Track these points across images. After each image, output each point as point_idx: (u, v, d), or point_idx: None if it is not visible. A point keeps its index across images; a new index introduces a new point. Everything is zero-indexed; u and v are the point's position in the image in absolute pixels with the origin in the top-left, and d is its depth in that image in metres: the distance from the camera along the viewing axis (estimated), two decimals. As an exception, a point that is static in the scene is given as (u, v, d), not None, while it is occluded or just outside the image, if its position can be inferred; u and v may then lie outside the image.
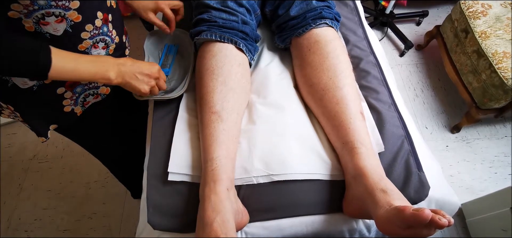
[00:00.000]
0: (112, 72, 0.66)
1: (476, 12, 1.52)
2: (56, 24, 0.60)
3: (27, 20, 0.57)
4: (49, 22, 0.59)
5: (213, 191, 0.63)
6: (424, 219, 0.48)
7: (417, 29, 2.11)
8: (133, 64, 0.71)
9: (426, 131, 1.69)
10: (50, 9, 0.58)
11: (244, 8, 0.89)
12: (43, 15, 0.58)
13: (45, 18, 0.59)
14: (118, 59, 0.68)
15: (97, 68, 0.64)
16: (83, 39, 0.67)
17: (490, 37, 1.44)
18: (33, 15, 0.57)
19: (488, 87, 1.41)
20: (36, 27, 0.59)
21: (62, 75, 0.60)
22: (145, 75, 0.72)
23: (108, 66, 0.66)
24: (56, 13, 0.59)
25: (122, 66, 0.69)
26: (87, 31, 0.67)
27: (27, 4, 0.55)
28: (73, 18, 0.62)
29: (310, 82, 0.81)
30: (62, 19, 0.61)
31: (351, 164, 0.68)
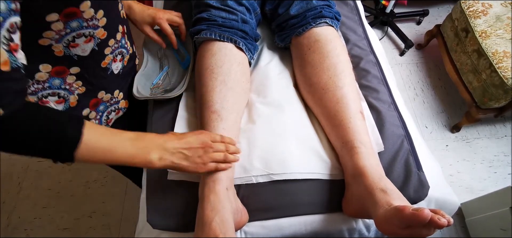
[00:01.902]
0: (155, 154, 0.56)
1: (477, 12, 1.52)
2: (84, 45, 0.58)
3: (58, 45, 0.55)
4: (78, 44, 0.57)
5: (212, 191, 0.63)
6: (423, 218, 0.48)
7: (417, 29, 2.11)
8: (179, 139, 0.60)
9: (426, 130, 1.69)
10: (81, 31, 0.56)
11: (244, 7, 0.89)
12: (74, 37, 0.56)
13: (75, 40, 0.56)
14: (160, 136, 0.59)
15: (137, 148, 0.55)
16: (106, 55, 0.65)
17: (490, 36, 1.44)
18: (64, 39, 0.55)
19: (488, 86, 1.41)
20: (65, 50, 0.57)
21: (94, 155, 0.51)
22: (197, 149, 0.61)
23: (150, 146, 0.57)
24: (86, 34, 0.57)
25: (166, 144, 0.59)
26: (109, 46, 0.65)
27: (59, 30, 0.53)
28: (100, 35, 0.60)
29: (310, 81, 0.81)
30: (90, 39, 0.59)
31: (351, 164, 0.68)
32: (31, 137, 0.46)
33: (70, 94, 0.63)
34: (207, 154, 0.62)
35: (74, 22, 0.54)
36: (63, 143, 0.48)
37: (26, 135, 0.46)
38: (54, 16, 0.51)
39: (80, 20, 0.54)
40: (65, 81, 0.61)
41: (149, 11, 0.82)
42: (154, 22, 0.82)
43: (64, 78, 0.61)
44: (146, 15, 0.81)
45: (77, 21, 0.54)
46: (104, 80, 0.69)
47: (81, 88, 0.65)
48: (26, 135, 0.46)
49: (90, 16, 0.56)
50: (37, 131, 0.46)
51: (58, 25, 0.52)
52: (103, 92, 0.70)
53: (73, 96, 0.64)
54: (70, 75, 0.61)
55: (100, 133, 0.52)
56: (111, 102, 0.74)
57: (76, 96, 0.64)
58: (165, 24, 0.82)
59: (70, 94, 0.63)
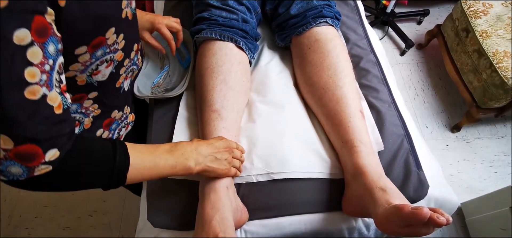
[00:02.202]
0: (192, 160, 0.59)
1: (477, 11, 1.52)
2: (105, 70, 0.57)
3: (82, 75, 0.54)
4: (100, 71, 0.56)
5: (213, 189, 0.63)
6: (422, 217, 0.49)
7: (418, 28, 2.11)
8: (207, 144, 0.63)
9: (427, 130, 1.69)
10: (104, 57, 0.54)
11: (245, 7, 0.89)
12: (97, 65, 0.54)
13: (98, 68, 0.55)
14: (190, 143, 0.61)
15: (176, 158, 0.57)
16: (120, 75, 0.63)
17: (491, 36, 1.44)
18: (88, 69, 0.53)
19: (489, 86, 1.41)
20: (88, 79, 0.55)
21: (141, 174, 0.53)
22: (224, 151, 0.64)
23: (185, 154, 0.58)
24: (107, 59, 0.56)
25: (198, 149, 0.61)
26: (124, 66, 0.63)
27: (86, 61, 0.51)
28: (118, 58, 0.59)
29: (310, 81, 0.82)
30: (111, 63, 0.57)
31: (351, 163, 0.68)
32: (85, 174, 0.48)
33: (85, 117, 0.62)
34: (231, 156, 0.65)
35: (99, 50, 0.52)
36: (115, 172, 0.49)
37: (80, 173, 0.47)
38: (83, 49, 0.49)
39: (104, 48, 0.53)
40: (82, 105, 0.60)
41: (148, 17, 0.79)
42: (153, 28, 0.80)
43: (82, 103, 0.60)
44: (144, 21, 0.78)
45: (102, 49, 0.53)
46: (117, 99, 0.68)
47: (97, 111, 0.64)
48: (80, 172, 0.47)
49: (113, 42, 0.55)
50: (89, 166, 0.47)
51: (85, 56, 0.50)
52: (116, 111, 0.69)
53: (88, 119, 0.63)
54: (88, 99, 0.60)
55: (142, 152, 0.53)
56: (122, 119, 0.73)
57: (91, 118, 0.63)
58: (165, 29, 0.80)
59: (85, 117, 0.62)
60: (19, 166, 0.40)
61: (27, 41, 0.37)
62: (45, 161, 0.41)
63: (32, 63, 0.38)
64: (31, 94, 0.38)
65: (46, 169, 0.42)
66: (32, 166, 0.41)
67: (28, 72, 0.37)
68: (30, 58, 0.38)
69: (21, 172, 0.40)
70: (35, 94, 0.38)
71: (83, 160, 0.47)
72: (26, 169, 0.40)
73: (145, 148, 0.55)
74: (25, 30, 0.36)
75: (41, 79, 0.39)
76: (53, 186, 0.46)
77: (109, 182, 0.49)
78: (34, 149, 0.40)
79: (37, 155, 0.40)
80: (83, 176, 0.48)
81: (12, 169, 0.40)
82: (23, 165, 0.40)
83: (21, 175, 0.41)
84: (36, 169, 0.41)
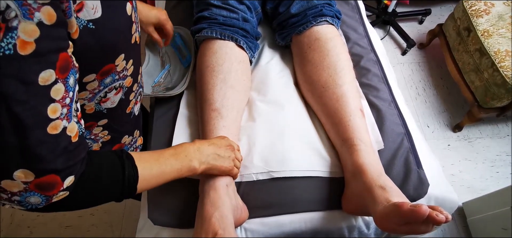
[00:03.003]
0: (196, 161, 0.59)
1: (479, 11, 1.51)
2: (114, 97, 0.56)
3: (90, 103, 0.53)
4: (109, 98, 0.55)
5: (212, 187, 0.63)
6: (421, 214, 0.49)
7: (419, 28, 2.10)
8: (208, 143, 0.63)
9: (428, 129, 1.68)
10: (112, 84, 0.54)
11: (245, 6, 0.89)
12: (106, 92, 0.54)
13: (107, 95, 0.54)
14: (192, 144, 0.61)
15: (181, 161, 0.57)
16: (130, 101, 0.63)
17: (492, 35, 1.43)
18: (97, 96, 0.53)
19: (490, 86, 1.41)
20: (96, 107, 0.55)
21: (149, 183, 0.53)
22: (226, 149, 0.64)
23: (189, 155, 0.59)
24: (116, 86, 0.55)
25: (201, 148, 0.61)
26: (133, 92, 0.63)
27: (94, 88, 0.51)
28: (127, 84, 0.58)
29: (310, 79, 0.82)
30: (120, 90, 0.57)
31: (350, 161, 0.68)
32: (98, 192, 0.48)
33: (94, 142, 0.62)
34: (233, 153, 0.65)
35: (108, 78, 0.52)
36: (125, 186, 0.49)
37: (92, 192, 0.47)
38: (92, 77, 0.49)
39: (113, 75, 0.52)
40: (91, 132, 0.60)
41: (154, 12, 0.81)
42: (158, 24, 0.82)
43: (91, 130, 0.60)
44: (152, 16, 0.80)
45: (111, 77, 0.52)
46: (127, 125, 0.68)
47: (106, 137, 0.63)
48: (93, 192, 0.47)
49: (122, 68, 0.54)
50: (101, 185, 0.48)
51: (93, 84, 0.50)
52: (126, 137, 0.69)
53: (97, 144, 0.63)
54: (97, 127, 0.60)
55: (148, 161, 0.53)
56: (132, 144, 0.73)
57: (100, 144, 0.63)
58: (169, 25, 0.83)
59: (94, 142, 0.62)
60: (39, 196, 0.40)
61: (51, 81, 0.37)
62: (63, 188, 0.41)
63: (55, 100, 0.38)
64: (53, 129, 0.38)
65: (63, 195, 0.42)
66: (51, 194, 0.41)
67: (50, 109, 0.38)
68: (53, 95, 0.38)
69: (40, 201, 0.41)
70: (56, 129, 0.39)
71: (94, 179, 0.47)
72: (45, 197, 0.41)
73: (150, 157, 0.54)
74: (51, 70, 0.36)
75: (62, 114, 0.39)
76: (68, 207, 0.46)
77: (120, 195, 0.50)
78: (54, 179, 0.40)
79: (56, 183, 0.41)
80: (95, 194, 0.48)
81: (31, 199, 0.40)
82: (43, 195, 0.40)
83: (40, 203, 0.41)
84: (55, 197, 0.41)
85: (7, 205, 0.40)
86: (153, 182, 0.54)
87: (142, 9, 0.79)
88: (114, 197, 0.50)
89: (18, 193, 0.38)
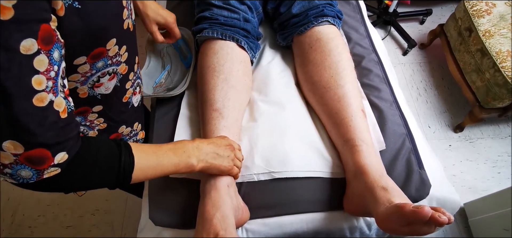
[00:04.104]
0: (194, 158, 0.59)
1: (480, 11, 1.51)
2: (108, 83, 0.57)
3: (83, 87, 0.53)
4: (102, 83, 0.56)
5: (214, 187, 0.63)
6: (423, 216, 0.48)
7: (420, 28, 2.10)
8: (208, 142, 0.63)
9: (429, 130, 1.68)
10: (105, 69, 0.54)
11: (246, 6, 0.89)
12: (99, 77, 0.54)
13: (100, 80, 0.55)
14: (191, 142, 0.61)
15: (179, 156, 0.57)
16: (127, 89, 0.63)
17: (494, 36, 1.43)
18: (90, 80, 0.53)
19: (492, 86, 1.40)
20: (90, 91, 0.55)
21: (146, 173, 0.53)
22: (226, 148, 0.64)
23: (188, 152, 0.59)
24: (109, 71, 0.55)
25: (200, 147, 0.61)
26: (130, 80, 0.63)
27: (86, 72, 0.51)
28: (122, 71, 0.59)
29: (311, 80, 0.81)
30: (114, 76, 0.57)
31: (352, 162, 0.68)
32: (92, 175, 0.48)
33: (90, 130, 0.62)
34: (233, 153, 0.65)
35: (100, 62, 0.52)
36: (120, 173, 0.49)
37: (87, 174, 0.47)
38: (82, 59, 0.49)
39: (105, 59, 0.52)
40: (86, 118, 0.60)
41: (163, 12, 0.81)
42: (165, 26, 0.82)
43: (86, 116, 0.60)
44: (159, 15, 0.80)
45: (102, 61, 0.52)
46: (125, 114, 0.68)
47: (103, 125, 0.64)
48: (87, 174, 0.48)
49: (115, 53, 0.54)
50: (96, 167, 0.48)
51: (84, 67, 0.50)
52: (124, 127, 0.69)
53: (93, 132, 0.63)
54: (92, 113, 0.60)
55: (146, 152, 0.53)
56: (131, 135, 0.73)
57: (96, 132, 0.64)
58: (177, 28, 0.83)
59: (90, 130, 0.62)
60: (29, 169, 0.41)
61: (33, 50, 0.37)
62: (54, 163, 0.42)
63: (39, 71, 0.38)
64: (39, 101, 0.39)
65: (55, 171, 0.43)
66: (42, 169, 0.41)
67: (35, 80, 0.38)
68: (37, 66, 0.38)
69: (31, 175, 0.41)
70: (43, 101, 0.39)
71: (90, 162, 0.47)
72: (36, 172, 0.41)
73: (148, 148, 0.55)
74: (32, 40, 0.37)
75: (47, 86, 0.40)
76: (61, 187, 0.47)
77: (115, 182, 0.50)
78: (44, 153, 0.41)
79: (46, 158, 0.41)
80: (90, 177, 0.48)
81: (22, 172, 0.41)
82: (33, 168, 0.41)
83: (31, 178, 0.41)
84: (45, 172, 0.42)
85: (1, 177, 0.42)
86: (149, 173, 0.54)
87: (151, 4, 0.79)
88: (108, 182, 0.50)
89: (9, 165, 0.39)
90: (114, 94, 0.60)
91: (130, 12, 0.57)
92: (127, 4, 0.54)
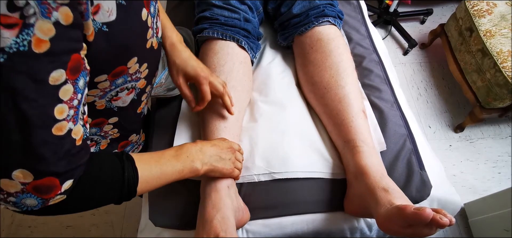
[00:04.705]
0: (198, 162, 0.58)
1: (481, 11, 1.51)
2: (126, 97, 0.56)
3: (101, 100, 0.53)
4: (120, 97, 0.56)
5: (214, 188, 0.63)
6: (425, 218, 0.48)
7: (421, 28, 2.09)
8: (211, 144, 0.62)
9: (430, 130, 1.68)
10: (124, 85, 0.54)
11: (247, 6, 0.89)
12: (117, 91, 0.54)
13: (118, 94, 0.55)
14: (194, 144, 0.60)
15: (183, 162, 0.56)
16: (142, 101, 0.63)
17: (495, 36, 1.43)
18: (108, 95, 0.53)
19: (493, 86, 1.40)
20: (107, 104, 0.55)
21: (150, 185, 0.52)
22: (227, 151, 0.64)
23: (191, 156, 0.57)
24: (128, 87, 0.55)
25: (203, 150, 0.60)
26: (146, 93, 0.63)
27: (105, 87, 0.51)
28: (140, 86, 0.58)
29: (312, 80, 0.81)
30: (132, 90, 0.57)
31: (353, 162, 0.68)
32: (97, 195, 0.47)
33: (103, 139, 0.62)
34: (234, 155, 0.65)
35: (120, 79, 0.52)
36: (124, 189, 0.48)
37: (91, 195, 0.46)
38: (103, 77, 0.49)
39: (125, 76, 0.52)
40: (101, 129, 0.60)
41: (193, 64, 0.67)
42: (194, 80, 0.67)
43: (101, 127, 0.60)
44: (189, 66, 0.67)
45: (122, 78, 0.52)
46: (136, 124, 0.68)
47: (116, 134, 0.64)
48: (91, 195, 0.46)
49: (135, 71, 0.53)
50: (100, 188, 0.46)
51: (104, 84, 0.50)
52: (134, 135, 0.70)
53: (105, 141, 0.63)
54: (108, 124, 0.60)
55: (148, 162, 0.52)
56: (137, 142, 0.74)
57: (108, 140, 0.64)
58: (207, 87, 0.68)
59: (103, 139, 0.63)
60: (35, 198, 0.39)
61: (61, 81, 0.36)
62: (61, 192, 0.41)
63: (62, 101, 0.37)
64: (58, 130, 0.38)
65: (60, 198, 0.41)
66: (48, 198, 0.40)
67: (57, 110, 0.37)
68: (62, 96, 0.37)
69: (36, 203, 0.39)
70: (62, 130, 0.38)
71: (93, 182, 0.46)
72: (42, 200, 0.40)
73: (151, 158, 0.53)
74: (62, 70, 0.36)
75: (68, 115, 0.39)
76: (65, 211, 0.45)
77: (119, 198, 0.49)
78: (53, 181, 0.39)
79: (54, 186, 0.40)
80: (94, 197, 0.47)
81: (27, 201, 0.39)
82: (39, 197, 0.39)
83: (36, 206, 0.40)
84: (51, 200, 0.40)
85: (2, 205, 0.40)
86: (153, 184, 0.53)
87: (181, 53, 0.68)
88: (113, 200, 0.49)
89: (14, 193, 0.38)
90: (130, 107, 0.60)
91: (156, 30, 0.56)
92: (153, 23, 0.53)
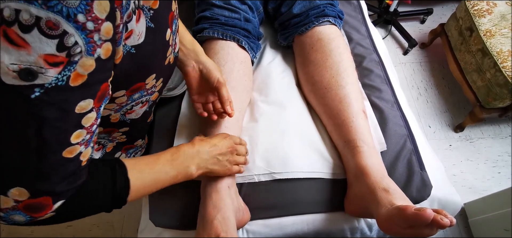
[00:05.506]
0: (193, 166, 0.57)
1: (481, 11, 1.51)
2: (139, 110, 0.57)
3: (116, 114, 0.54)
4: (134, 110, 0.56)
5: (214, 189, 0.63)
6: (426, 218, 0.48)
7: (421, 27, 2.09)
8: (209, 145, 0.60)
9: (430, 129, 1.68)
10: (140, 99, 0.54)
11: (247, 6, 0.89)
12: (132, 105, 0.54)
13: (133, 108, 0.55)
14: (191, 145, 0.58)
15: (177, 167, 0.55)
16: (152, 112, 0.64)
17: (495, 35, 1.43)
18: (124, 109, 0.53)
19: (493, 86, 1.40)
20: (121, 117, 0.56)
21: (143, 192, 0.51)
22: (226, 153, 0.62)
23: (187, 160, 0.56)
24: (143, 100, 0.56)
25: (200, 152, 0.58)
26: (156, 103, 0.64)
27: (122, 102, 0.51)
28: (153, 98, 0.59)
29: (312, 80, 0.81)
30: (146, 103, 0.57)
31: (353, 163, 0.68)
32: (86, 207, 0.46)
33: (109, 142, 0.63)
34: (233, 156, 0.64)
35: (137, 94, 0.52)
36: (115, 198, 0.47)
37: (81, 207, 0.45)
38: (121, 93, 0.49)
39: (142, 91, 0.53)
40: (110, 135, 0.61)
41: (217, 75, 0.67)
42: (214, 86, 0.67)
43: (111, 134, 0.60)
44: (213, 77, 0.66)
45: (139, 93, 0.52)
46: (143, 130, 0.69)
47: (123, 139, 0.65)
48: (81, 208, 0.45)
49: (151, 86, 0.54)
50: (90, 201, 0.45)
51: (122, 99, 0.50)
52: (140, 140, 0.71)
53: (112, 144, 0.64)
54: (118, 132, 0.61)
55: (142, 170, 0.50)
56: (142, 146, 0.74)
57: (115, 143, 0.64)
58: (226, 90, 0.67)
59: (110, 142, 0.63)
60: (24, 215, 0.37)
61: (87, 109, 0.36)
62: (52, 210, 0.39)
63: (84, 127, 0.37)
64: (68, 153, 0.37)
65: (50, 215, 0.40)
66: (38, 216, 0.38)
67: (75, 135, 0.37)
68: (84, 123, 0.37)
69: (24, 220, 0.38)
70: (72, 153, 0.38)
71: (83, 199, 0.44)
72: (30, 218, 0.38)
73: (145, 164, 0.52)
74: (90, 100, 0.36)
75: (84, 139, 0.38)
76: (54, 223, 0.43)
77: (109, 208, 0.48)
78: (47, 201, 0.38)
79: (47, 206, 0.38)
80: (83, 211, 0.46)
81: (16, 217, 0.37)
82: (29, 215, 0.37)
83: (23, 222, 0.38)
84: (40, 218, 0.39)
85: None
86: (146, 191, 0.52)
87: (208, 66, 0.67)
88: (103, 209, 0.48)
89: (4, 209, 0.36)
90: (142, 118, 0.60)
91: (174, 47, 0.56)
92: (173, 40, 0.53)
